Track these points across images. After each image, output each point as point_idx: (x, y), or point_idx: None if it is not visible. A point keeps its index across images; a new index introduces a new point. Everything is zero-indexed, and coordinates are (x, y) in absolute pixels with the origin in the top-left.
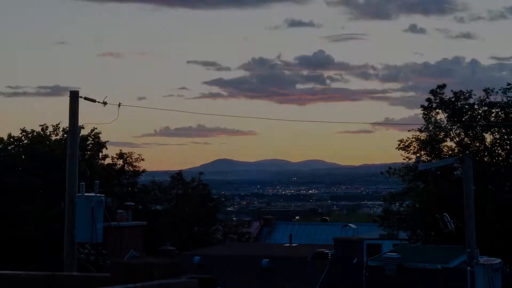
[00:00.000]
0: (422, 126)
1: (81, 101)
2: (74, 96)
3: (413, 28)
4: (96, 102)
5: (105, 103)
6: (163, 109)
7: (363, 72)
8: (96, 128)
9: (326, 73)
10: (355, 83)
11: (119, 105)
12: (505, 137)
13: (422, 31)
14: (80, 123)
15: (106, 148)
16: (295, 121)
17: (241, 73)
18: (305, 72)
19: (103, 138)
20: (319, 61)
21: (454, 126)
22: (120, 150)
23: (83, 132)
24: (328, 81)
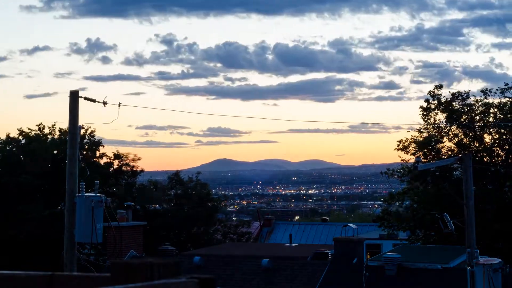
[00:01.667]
0: (421, 126)
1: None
2: (74, 96)
3: None
4: (96, 102)
5: (105, 103)
6: (162, 109)
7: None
8: (91, 127)
9: None
10: None
11: (119, 105)
12: (504, 137)
13: None
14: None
15: (103, 146)
16: (295, 121)
17: None
18: None
19: (97, 136)
20: None
21: (452, 127)
22: (117, 150)
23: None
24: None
